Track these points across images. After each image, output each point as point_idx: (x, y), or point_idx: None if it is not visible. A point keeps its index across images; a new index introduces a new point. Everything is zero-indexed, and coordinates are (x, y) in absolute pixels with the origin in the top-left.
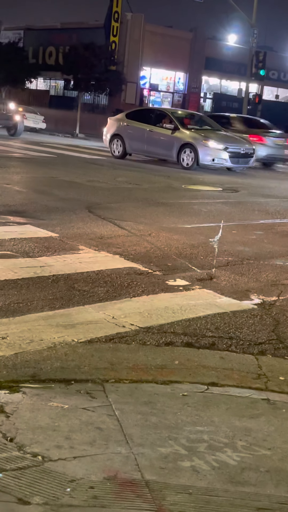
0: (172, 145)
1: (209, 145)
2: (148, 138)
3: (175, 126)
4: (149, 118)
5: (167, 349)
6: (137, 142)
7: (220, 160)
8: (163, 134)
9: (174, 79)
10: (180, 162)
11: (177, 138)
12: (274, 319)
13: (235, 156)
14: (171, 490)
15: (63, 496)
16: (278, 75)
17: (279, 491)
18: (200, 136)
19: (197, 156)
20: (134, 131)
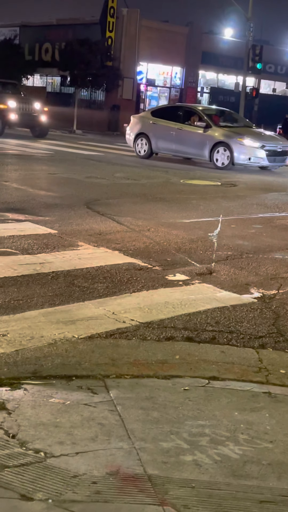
0: (204, 144)
1: (245, 143)
2: (177, 137)
3: (206, 124)
4: (177, 116)
5: (168, 344)
6: (164, 141)
7: (256, 159)
8: (194, 132)
9: (171, 74)
10: (213, 162)
11: (209, 137)
12: (274, 312)
13: (272, 155)
14: (174, 484)
15: (66, 491)
16: (275, 68)
17: (281, 484)
18: (235, 134)
19: (232, 155)
20: (161, 129)
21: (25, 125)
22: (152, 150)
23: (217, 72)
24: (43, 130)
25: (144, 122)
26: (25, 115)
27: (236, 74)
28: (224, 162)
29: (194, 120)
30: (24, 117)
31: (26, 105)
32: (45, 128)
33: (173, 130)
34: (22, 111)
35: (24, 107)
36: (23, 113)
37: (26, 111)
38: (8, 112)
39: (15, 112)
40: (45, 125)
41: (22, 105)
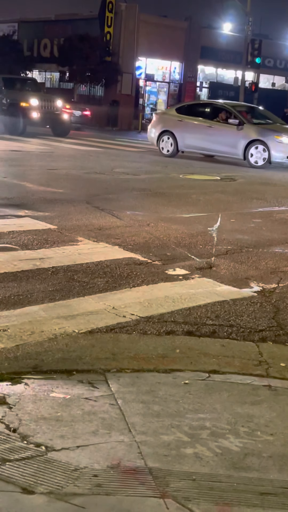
0: (237, 142)
1: (283, 141)
2: (207, 135)
3: (240, 121)
4: (205, 113)
5: (168, 338)
6: (192, 138)
7: None
8: (226, 130)
9: (170, 68)
10: (247, 160)
11: (243, 134)
12: (274, 306)
13: None
14: (175, 477)
15: (67, 485)
16: (274, 62)
17: (282, 476)
18: (271, 132)
19: (270, 153)
20: (189, 127)
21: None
22: (178, 148)
23: (216, 66)
24: (65, 129)
25: (168, 119)
26: (47, 113)
27: (235, 68)
28: (259, 160)
29: (224, 117)
30: (46, 115)
31: (48, 103)
32: (67, 126)
33: (203, 127)
34: (44, 109)
35: (46, 105)
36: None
37: (48, 109)
38: (30, 110)
39: (37, 111)
40: (67, 124)
41: (44, 103)
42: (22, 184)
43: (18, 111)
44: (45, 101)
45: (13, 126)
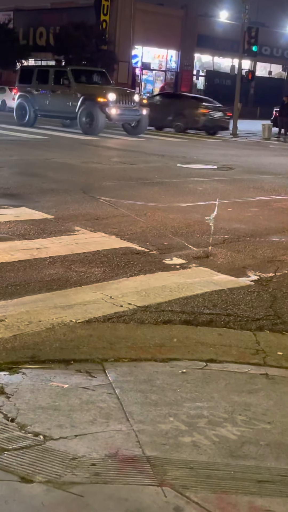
0: None
1: None
2: None
3: None
4: None
5: (165, 327)
6: None
7: None
8: None
9: (166, 57)
10: None
11: None
12: (271, 295)
13: None
14: (172, 465)
15: (65, 474)
16: (271, 51)
17: (279, 464)
18: None
19: None
20: None
21: (126, 120)
22: None
23: (212, 55)
24: (142, 126)
25: None
26: (126, 109)
27: (232, 57)
28: None
29: None
30: (125, 111)
31: (125, 97)
32: (145, 123)
33: None
34: (122, 105)
35: (124, 99)
36: (123, 107)
37: (127, 104)
38: (110, 106)
39: (116, 107)
40: (145, 120)
41: (121, 98)
42: None
43: (95, 107)
44: (122, 95)
45: (89, 125)
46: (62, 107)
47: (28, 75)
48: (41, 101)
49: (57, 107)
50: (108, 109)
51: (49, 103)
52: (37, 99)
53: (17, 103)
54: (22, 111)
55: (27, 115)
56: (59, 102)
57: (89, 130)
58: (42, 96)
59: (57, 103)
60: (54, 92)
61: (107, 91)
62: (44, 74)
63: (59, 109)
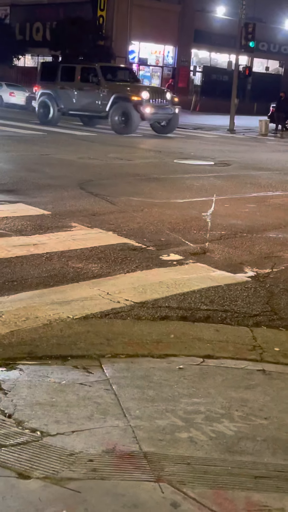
0: None
1: None
2: None
3: None
4: None
5: (162, 323)
6: None
7: None
8: None
9: (163, 53)
10: None
11: None
12: (268, 291)
13: None
14: (169, 461)
15: (62, 469)
16: (268, 46)
17: (276, 459)
18: None
19: None
20: None
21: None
22: None
23: (209, 50)
24: (173, 125)
25: None
26: (159, 107)
27: (229, 52)
28: None
29: None
30: (158, 109)
31: (157, 94)
32: (176, 122)
33: None
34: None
35: (156, 97)
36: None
37: (159, 102)
38: (144, 105)
39: (150, 105)
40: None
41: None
42: None
43: (129, 106)
44: (155, 94)
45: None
46: (91, 105)
47: (50, 72)
48: (67, 99)
49: (84, 105)
50: (143, 108)
51: (76, 101)
52: (61, 97)
53: (39, 101)
54: (45, 109)
55: (50, 113)
56: (87, 100)
57: (122, 129)
58: (68, 94)
59: (84, 101)
60: (81, 89)
61: (141, 89)
62: (70, 71)
63: (87, 107)
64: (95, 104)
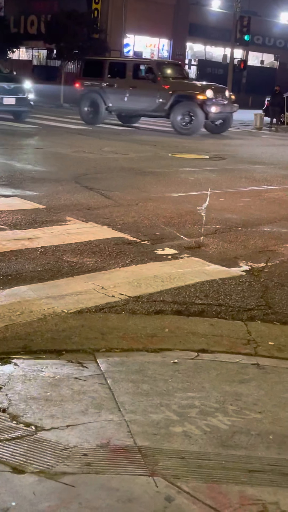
0: None
1: None
2: None
3: None
4: None
5: (157, 317)
6: None
7: None
8: None
9: (158, 46)
10: None
11: None
12: (262, 285)
13: None
14: (164, 455)
15: (57, 464)
16: (263, 40)
17: (270, 453)
18: None
19: None
20: None
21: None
22: None
23: (204, 44)
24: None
25: None
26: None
27: (224, 46)
28: None
29: None
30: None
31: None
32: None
33: None
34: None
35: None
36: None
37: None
38: (210, 104)
39: (215, 104)
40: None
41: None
42: None
43: (194, 105)
44: (217, 92)
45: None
46: (146, 104)
47: (96, 68)
48: (117, 97)
49: (138, 104)
50: (208, 107)
51: (127, 100)
52: (110, 95)
53: (83, 99)
54: (91, 108)
55: (98, 112)
56: (142, 99)
57: (186, 129)
58: (118, 92)
59: (138, 100)
60: (135, 87)
61: (204, 87)
62: (120, 68)
63: (141, 106)
64: (152, 102)
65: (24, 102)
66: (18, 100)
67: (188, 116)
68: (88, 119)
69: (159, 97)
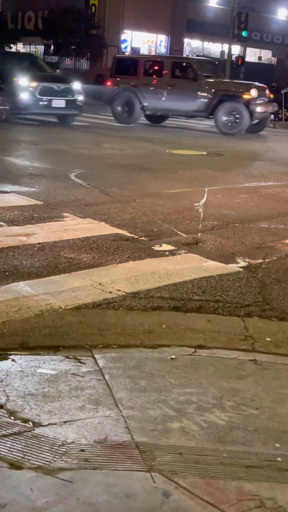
0: None
1: None
2: None
3: None
4: None
5: (155, 313)
6: None
7: None
8: None
9: (156, 42)
10: None
11: None
12: (260, 281)
13: None
14: (161, 451)
15: (54, 460)
16: (261, 36)
17: (267, 449)
18: None
19: None
20: None
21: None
22: None
23: (202, 40)
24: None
25: None
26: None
27: (222, 42)
28: None
29: None
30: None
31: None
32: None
33: None
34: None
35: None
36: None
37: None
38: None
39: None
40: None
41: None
42: None
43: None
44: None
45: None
46: (186, 103)
47: (129, 66)
48: (153, 96)
49: (177, 103)
50: (254, 106)
51: (165, 99)
52: (146, 95)
53: (117, 98)
54: (126, 107)
55: (132, 111)
56: (181, 98)
57: (231, 130)
58: (155, 91)
59: (177, 99)
60: (173, 86)
61: (248, 86)
62: (156, 66)
63: (181, 106)
64: (192, 102)
65: (73, 105)
66: (68, 103)
67: (233, 116)
68: (123, 119)
69: (200, 96)
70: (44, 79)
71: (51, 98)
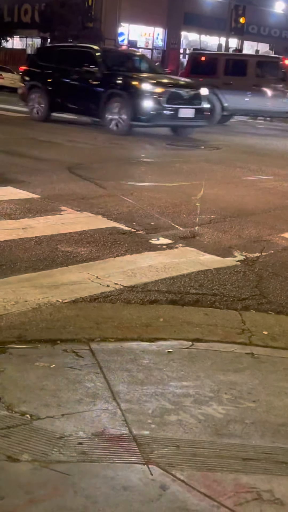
0: None
1: None
2: None
3: None
4: None
5: (152, 307)
6: None
7: None
8: None
9: (153, 35)
10: None
11: None
12: (257, 275)
13: None
14: (159, 443)
15: (52, 452)
16: (258, 29)
17: (264, 442)
18: None
19: None
20: None
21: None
22: None
23: (199, 33)
24: None
25: None
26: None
27: (219, 35)
28: None
29: None
30: None
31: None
32: None
33: None
34: None
35: None
36: None
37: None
38: None
39: None
40: None
41: None
42: None
43: None
44: None
45: None
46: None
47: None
48: (236, 97)
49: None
50: None
51: (249, 101)
52: (227, 95)
53: None
54: None
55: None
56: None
57: None
58: (238, 92)
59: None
60: (258, 86)
61: None
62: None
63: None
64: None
65: (202, 115)
66: (197, 112)
67: None
68: None
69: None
70: (169, 84)
71: (178, 107)
